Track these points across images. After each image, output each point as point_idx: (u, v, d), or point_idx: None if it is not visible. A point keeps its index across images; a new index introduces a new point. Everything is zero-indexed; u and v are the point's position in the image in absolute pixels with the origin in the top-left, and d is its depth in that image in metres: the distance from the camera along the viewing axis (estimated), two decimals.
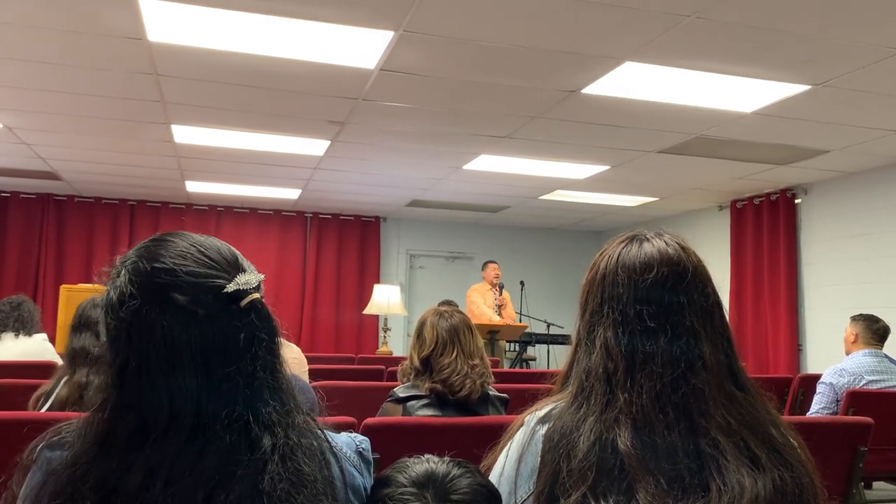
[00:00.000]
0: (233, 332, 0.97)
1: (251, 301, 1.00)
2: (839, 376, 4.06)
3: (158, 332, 0.95)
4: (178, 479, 0.91)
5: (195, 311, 0.96)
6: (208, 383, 0.95)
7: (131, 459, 0.92)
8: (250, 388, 0.97)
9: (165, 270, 0.98)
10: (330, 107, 5.01)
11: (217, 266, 1.01)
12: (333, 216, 9.92)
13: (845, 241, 6.73)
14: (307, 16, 3.53)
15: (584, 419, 1.13)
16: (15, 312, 4.19)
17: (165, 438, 0.92)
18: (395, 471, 1.14)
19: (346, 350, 9.50)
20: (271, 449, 0.96)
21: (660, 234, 1.26)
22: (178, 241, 1.03)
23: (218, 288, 0.98)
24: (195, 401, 0.94)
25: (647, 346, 1.16)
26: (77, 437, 0.98)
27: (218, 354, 0.96)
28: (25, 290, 8.30)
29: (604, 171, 6.69)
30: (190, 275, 0.98)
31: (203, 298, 0.97)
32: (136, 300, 0.96)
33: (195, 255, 1.01)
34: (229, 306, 0.98)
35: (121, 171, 7.48)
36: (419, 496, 1.09)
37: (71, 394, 2.33)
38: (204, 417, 0.94)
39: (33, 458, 1.00)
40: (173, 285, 0.97)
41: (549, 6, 3.35)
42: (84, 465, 0.93)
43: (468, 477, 1.13)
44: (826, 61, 3.92)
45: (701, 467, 1.08)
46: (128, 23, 3.67)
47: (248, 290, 1.00)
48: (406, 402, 2.56)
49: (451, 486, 1.11)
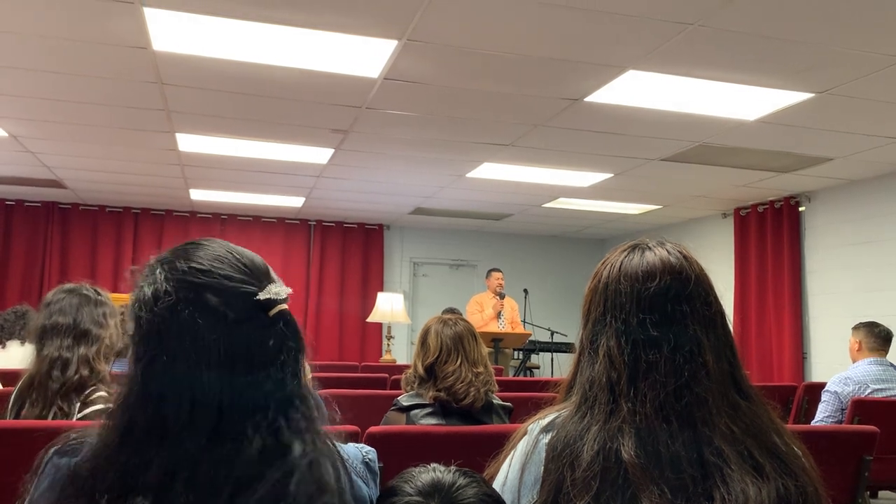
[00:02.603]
0: (261, 339, 1.00)
1: (280, 311, 1.03)
2: (844, 385, 4.05)
3: (189, 331, 0.97)
4: (201, 477, 0.93)
5: (225, 314, 0.99)
6: (232, 385, 0.97)
7: (150, 455, 0.93)
8: (283, 394, 1.00)
9: (202, 271, 1.01)
10: (334, 115, 5.03)
11: (251, 273, 1.04)
12: (337, 224, 9.93)
13: (849, 248, 6.71)
14: (311, 25, 3.55)
15: (588, 428, 1.13)
16: (21, 321, 4.22)
17: (185, 435, 0.94)
18: (401, 480, 1.14)
19: (349, 358, 9.50)
20: (301, 455, 0.98)
21: (662, 243, 1.26)
22: (215, 246, 1.06)
23: (250, 294, 1.01)
24: (217, 401, 0.95)
25: (650, 355, 1.16)
26: (99, 432, 0.99)
27: (244, 358, 0.98)
28: (30, 298, 8.31)
29: (607, 178, 6.69)
30: (225, 278, 1.01)
31: (234, 302, 1.00)
32: (172, 297, 0.98)
33: (231, 260, 1.04)
34: (259, 314, 1.01)
35: (125, 179, 7.50)
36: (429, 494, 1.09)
37: (39, 370, 2.22)
38: (229, 418, 0.95)
39: (42, 465, 1.01)
40: (208, 286, 1.00)
41: (551, 15, 3.36)
42: (105, 459, 0.95)
43: (474, 486, 1.13)
44: (829, 69, 3.93)
45: (705, 476, 1.07)
46: (133, 32, 3.69)
47: (277, 300, 1.03)
48: (409, 411, 2.56)
49: (458, 495, 1.10)
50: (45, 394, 2.20)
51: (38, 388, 2.21)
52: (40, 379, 2.22)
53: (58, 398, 2.20)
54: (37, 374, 2.23)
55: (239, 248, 1.07)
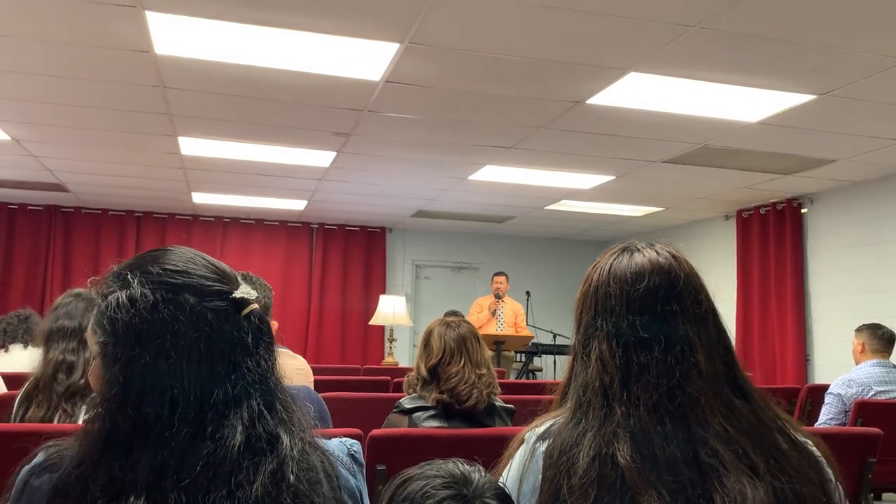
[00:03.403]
0: (238, 335, 1.02)
1: (252, 310, 1.06)
2: (847, 387, 4.04)
3: (169, 330, 0.98)
4: (192, 472, 0.93)
5: (204, 313, 1.01)
6: (213, 381, 0.98)
7: (136, 456, 0.94)
8: (265, 388, 1.03)
9: (178, 272, 1.03)
10: (335, 118, 5.03)
11: (222, 275, 1.07)
12: (339, 227, 9.94)
13: (852, 250, 6.70)
14: (313, 28, 3.55)
15: (584, 434, 1.13)
16: (23, 325, 4.23)
17: (168, 434, 0.95)
18: (418, 470, 1.15)
19: (351, 361, 9.50)
20: (290, 443, 1.00)
21: (651, 244, 1.25)
22: (183, 251, 1.08)
23: (226, 293, 1.04)
24: (198, 397, 0.97)
25: (641, 356, 1.15)
26: (80, 437, 0.99)
27: (224, 354, 1.00)
28: (32, 301, 8.32)
29: (609, 181, 6.69)
30: (202, 278, 1.04)
31: (212, 301, 1.02)
32: (150, 298, 1.00)
33: (203, 262, 1.07)
34: (234, 312, 1.04)
35: (127, 182, 7.51)
36: (457, 493, 1.10)
37: (44, 372, 2.24)
38: (213, 414, 0.97)
39: (17, 488, 1.00)
40: (186, 286, 1.02)
41: (553, 17, 3.37)
42: (91, 465, 0.95)
43: (490, 480, 1.15)
44: (831, 71, 3.92)
45: (702, 477, 1.07)
46: (135, 36, 3.70)
47: (250, 299, 1.06)
48: (412, 414, 2.55)
49: (484, 485, 1.13)
50: (50, 396, 2.21)
51: (43, 391, 2.23)
52: (45, 381, 2.23)
53: (63, 401, 2.21)
54: (42, 376, 2.25)
55: (204, 254, 1.10)
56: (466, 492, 1.10)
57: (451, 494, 1.10)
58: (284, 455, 0.99)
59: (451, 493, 1.10)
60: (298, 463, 0.99)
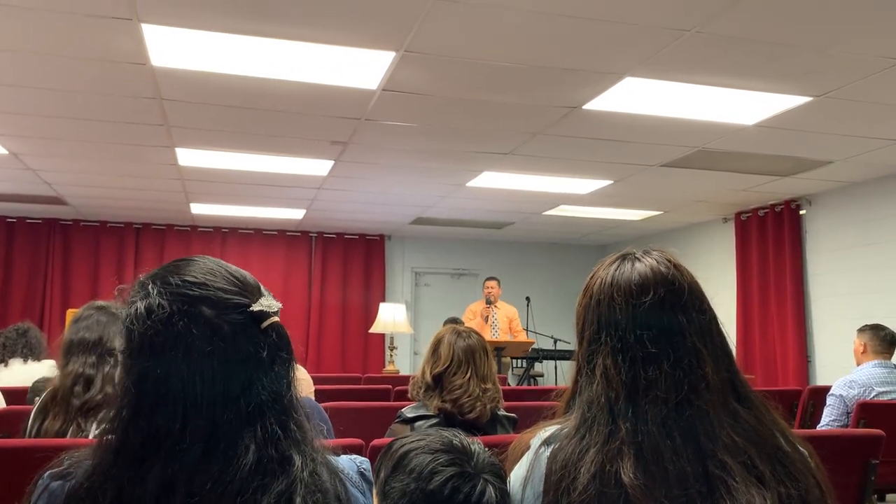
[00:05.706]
0: (255, 350, 1.00)
1: (272, 323, 1.03)
2: (849, 388, 4.03)
3: (183, 342, 0.97)
4: (200, 489, 0.93)
5: (220, 326, 0.99)
6: (227, 396, 0.97)
7: (146, 469, 0.93)
8: (279, 406, 1.00)
9: (197, 284, 1.02)
10: (333, 127, 5.04)
11: (242, 287, 1.05)
12: (338, 235, 9.93)
13: (851, 251, 6.70)
14: (309, 38, 3.56)
15: (586, 450, 1.11)
16: (22, 339, 4.21)
17: (179, 448, 0.94)
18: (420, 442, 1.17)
19: (352, 369, 9.48)
20: (301, 465, 0.99)
21: (648, 252, 1.24)
22: (206, 261, 1.07)
23: (244, 306, 1.02)
24: (211, 412, 0.95)
25: (649, 371, 1.13)
26: (94, 448, 0.99)
27: (239, 369, 0.98)
28: (32, 314, 8.32)
29: (607, 185, 6.70)
30: (220, 290, 1.02)
31: (228, 314, 1.00)
32: (166, 310, 0.99)
33: (223, 274, 1.05)
34: (252, 326, 1.01)
35: (126, 194, 7.51)
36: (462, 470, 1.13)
37: (63, 384, 2.20)
38: (225, 430, 0.96)
39: (37, 490, 1.01)
40: (203, 298, 1.00)
41: (548, 23, 3.37)
42: (101, 476, 0.95)
43: (487, 454, 1.19)
44: (827, 72, 3.93)
45: (711, 490, 1.06)
46: (131, 48, 3.71)
47: (269, 312, 1.04)
48: (414, 423, 2.54)
49: (484, 460, 1.16)
50: (66, 409, 2.18)
51: (60, 403, 2.20)
52: (63, 394, 2.20)
53: (79, 415, 2.18)
54: (60, 388, 2.21)
55: (228, 264, 1.08)
56: (469, 468, 1.13)
57: (457, 472, 1.13)
58: (294, 477, 0.97)
59: (457, 471, 1.13)
60: (307, 486, 0.97)
